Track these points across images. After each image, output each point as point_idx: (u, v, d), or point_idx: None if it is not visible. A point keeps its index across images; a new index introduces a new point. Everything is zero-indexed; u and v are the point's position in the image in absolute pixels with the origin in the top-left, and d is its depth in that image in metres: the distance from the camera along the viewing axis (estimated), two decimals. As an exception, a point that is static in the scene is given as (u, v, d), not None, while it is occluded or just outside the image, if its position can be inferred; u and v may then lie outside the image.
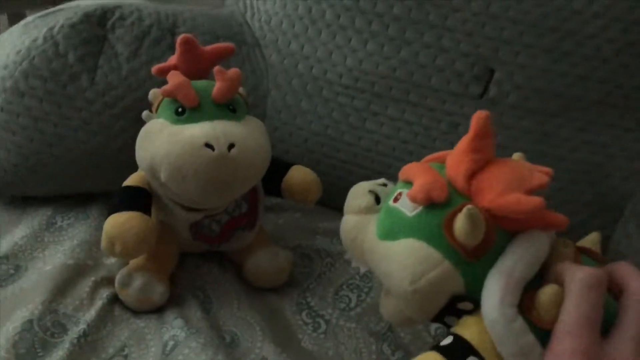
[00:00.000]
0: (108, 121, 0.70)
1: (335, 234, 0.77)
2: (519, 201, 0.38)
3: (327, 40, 0.77)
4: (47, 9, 0.77)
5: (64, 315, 0.59)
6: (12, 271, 0.63)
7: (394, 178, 0.74)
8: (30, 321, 0.56)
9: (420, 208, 0.42)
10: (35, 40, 0.70)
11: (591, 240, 0.46)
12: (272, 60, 0.80)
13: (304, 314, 0.65)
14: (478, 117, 0.42)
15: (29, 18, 0.93)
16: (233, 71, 0.59)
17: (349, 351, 0.61)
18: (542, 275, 0.39)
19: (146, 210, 0.61)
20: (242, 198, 0.67)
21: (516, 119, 0.70)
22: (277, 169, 0.69)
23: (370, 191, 0.48)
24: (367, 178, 0.76)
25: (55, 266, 0.63)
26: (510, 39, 0.70)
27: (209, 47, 0.64)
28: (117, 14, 0.74)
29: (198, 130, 0.56)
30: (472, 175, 0.42)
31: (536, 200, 0.38)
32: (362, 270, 0.49)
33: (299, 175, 0.69)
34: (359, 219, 0.47)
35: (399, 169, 0.74)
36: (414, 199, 0.42)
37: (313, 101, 0.77)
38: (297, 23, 0.78)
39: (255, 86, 0.79)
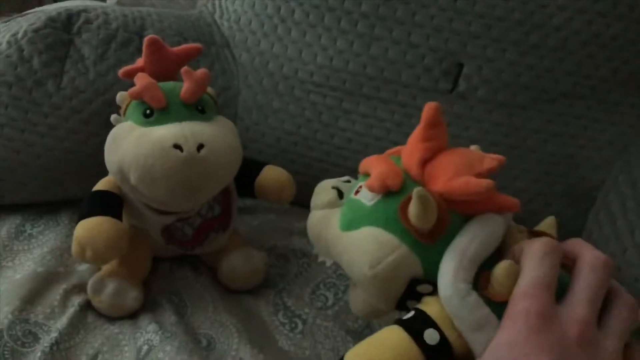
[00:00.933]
0: (76, 126, 0.69)
1: (310, 233, 0.77)
2: (468, 183, 0.39)
3: (297, 39, 0.76)
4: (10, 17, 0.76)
5: (35, 324, 0.57)
6: (-20, 282, 0.62)
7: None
8: (0, 331, 0.55)
9: (378, 197, 0.43)
10: (-3, 46, 0.69)
11: (547, 224, 0.47)
12: (242, 59, 0.79)
13: (280, 314, 0.65)
14: (428, 107, 0.44)
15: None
16: (201, 71, 0.59)
17: (326, 350, 0.61)
18: (499, 260, 0.40)
19: (117, 214, 0.60)
20: (215, 200, 0.66)
21: (486, 113, 0.71)
22: (250, 169, 0.68)
23: (334, 187, 0.49)
24: (341, 176, 0.76)
25: (25, 274, 0.62)
26: (478, 33, 0.70)
27: (176, 48, 0.64)
28: (82, 18, 0.73)
29: (166, 132, 0.55)
30: (425, 163, 0.43)
31: (485, 182, 0.39)
32: (328, 263, 0.49)
33: (272, 174, 0.69)
34: (322, 214, 0.48)
35: (372, 166, 0.75)
36: (371, 188, 0.43)
37: (284, 100, 0.77)
38: (266, 22, 0.78)
39: (226, 86, 0.78)
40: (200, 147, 0.55)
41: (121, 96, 0.60)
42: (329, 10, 0.74)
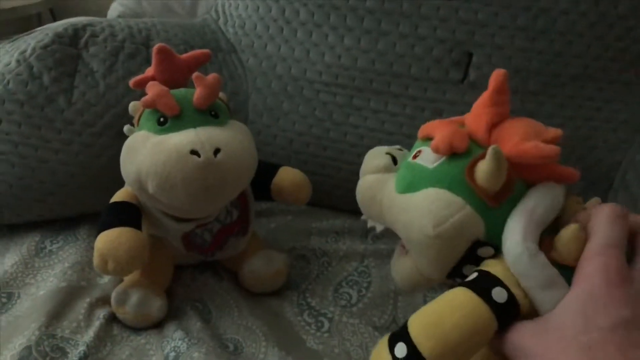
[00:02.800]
0: (89, 140, 0.69)
1: (329, 232, 0.77)
2: (537, 147, 0.40)
3: (304, 39, 0.76)
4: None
5: (62, 338, 0.57)
6: (4, 300, 0.62)
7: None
8: (29, 347, 0.55)
9: (441, 160, 0.44)
10: (7, 64, 0.69)
11: (592, 204, 0.46)
12: (250, 64, 0.79)
13: (305, 314, 0.65)
14: (497, 74, 0.45)
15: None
16: (212, 76, 0.59)
17: (354, 347, 0.60)
18: (557, 228, 0.41)
19: (136, 224, 0.60)
20: (232, 205, 0.66)
21: (498, 100, 0.70)
22: (265, 172, 0.68)
23: (387, 153, 0.50)
24: (355, 174, 0.75)
25: (48, 290, 0.62)
26: (485, 21, 0.70)
27: (185, 55, 0.64)
28: (88, 32, 0.73)
29: (182, 138, 0.55)
30: (492, 127, 0.44)
31: (553, 148, 0.40)
32: (379, 229, 0.48)
33: (288, 176, 0.68)
34: (376, 177, 0.48)
35: (386, 161, 0.75)
36: (436, 149, 0.43)
37: (294, 101, 0.77)
38: (271, 25, 0.78)
39: (235, 91, 0.78)
40: (216, 151, 0.55)
41: (134, 106, 0.60)
42: (334, 8, 0.74)
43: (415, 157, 0.46)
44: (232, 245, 0.67)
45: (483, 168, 0.40)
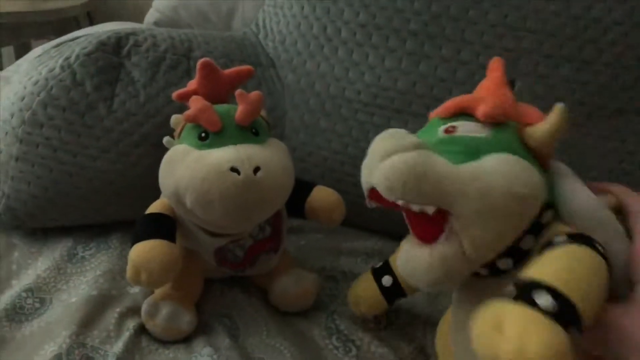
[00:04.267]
0: (127, 149, 0.69)
1: (360, 253, 0.76)
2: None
3: (344, 58, 0.76)
4: (51, 39, 0.77)
5: (92, 348, 0.57)
6: (37, 305, 0.62)
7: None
8: (59, 355, 0.55)
9: (488, 129, 0.44)
10: (52, 70, 0.69)
11: None
12: (288, 80, 0.79)
13: (334, 338, 0.64)
14: (497, 60, 0.51)
15: (37, 50, 0.94)
16: (255, 94, 0.59)
17: (382, 375, 0.59)
18: None
19: (171, 237, 0.60)
20: (266, 221, 0.66)
21: (540, 130, 0.69)
22: (300, 190, 0.68)
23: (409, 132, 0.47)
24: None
25: (80, 298, 0.62)
26: (530, 49, 0.69)
27: (228, 71, 0.64)
28: (131, 41, 0.74)
29: (223, 155, 0.55)
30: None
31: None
32: (430, 211, 0.42)
33: (322, 195, 0.68)
34: (418, 155, 0.42)
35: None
36: (491, 117, 0.44)
37: (331, 120, 0.77)
38: (312, 42, 0.78)
39: (273, 107, 0.78)
40: (256, 169, 0.55)
41: (176, 119, 0.61)
42: (377, 28, 0.74)
43: (448, 131, 0.45)
44: (264, 262, 0.67)
45: (547, 127, 0.42)
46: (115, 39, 0.73)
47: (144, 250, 0.57)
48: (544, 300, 0.34)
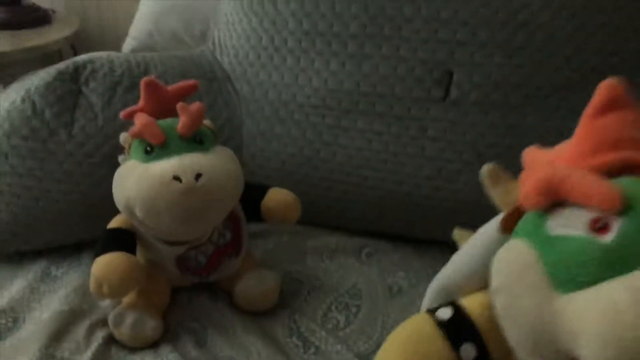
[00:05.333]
0: (89, 170, 0.73)
1: (324, 250, 0.79)
2: None
3: (292, 65, 0.79)
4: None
5: (62, 359, 0.60)
6: (10, 324, 0.65)
7: (369, 187, 0.76)
8: (29, 368, 0.58)
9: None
10: (13, 102, 0.73)
11: None
12: (243, 91, 0.83)
13: (294, 337, 0.66)
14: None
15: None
16: (195, 105, 0.62)
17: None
18: None
19: (130, 249, 0.63)
20: (225, 227, 0.69)
21: (480, 116, 0.72)
22: (255, 193, 0.71)
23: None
24: (346, 192, 0.79)
25: (51, 314, 0.66)
26: (464, 40, 0.72)
27: (173, 86, 0.67)
28: (89, 68, 0.78)
29: (166, 165, 0.58)
30: None
31: None
32: None
33: (276, 196, 0.71)
34: None
35: (376, 180, 0.77)
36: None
37: (286, 125, 0.80)
38: (262, 53, 0.81)
39: (230, 118, 0.81)
40: (198, 176, 0.58)
41: (124, 137, 0.64)
42: (319, 35, 0.77)
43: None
44: (226, 267, 0.70)
45: None
46: (73, 67, 0.77)
47: (104, 264, 0.60)
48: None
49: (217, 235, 0.68)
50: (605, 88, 0.39)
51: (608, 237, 0.32)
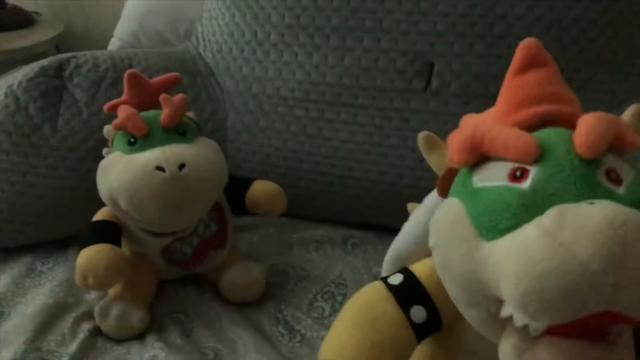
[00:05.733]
0: (74, 164, 0.73)
1: (310, 242, 0.79)
2: None
3: (276, 59, 0.80)
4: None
5: (47, 351, 0.61)
6: (-5, 318, 0.65)
7: (354, 179, 0.77)
8: (13, 360, 0.58)
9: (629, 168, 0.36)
10: (-3, 98, 0.74)
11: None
12: (227, 86, 0.83)
13: (280, 326, 0.67)
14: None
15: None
16: (178, 97, 0.63)
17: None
18: None
19: (115, 241, 0.63)
20: (210, 219, 0.69)
21: (461, 106, 0.73)
22: (240, 185, 0.71)
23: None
24: (331, 184, 0.79)
25: (36, 307, 0.66)
26: (444, 31, 0.73)
27: (155, 79, 0.68)
28: (72, 64, 0.78)
29: (149, 156, 0.59)
30: None
31: None
32: None
33: (261, 188, 0.72)
34: None
35: (360, 171, 0.78)
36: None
37: (270, 118, 0.80)
38: (245, 48, 0.82)
39: (214, 112, 0.82)
40: (181, 166, 0.58)
41: (107, 129, 0.64)
42: (302, 28, 0.78)
43: (612, 179, 0.34)
44: (212, 259, 0.70)
45: None
46: (56, 63, 0.78)
47: (89, 256, 0.60)
48: None
49: (202, 227, 0.68)
50: (524, 48, 0.40)
51: (525, 184, 0.34)
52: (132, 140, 0.61)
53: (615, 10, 0.72)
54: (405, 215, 0.77)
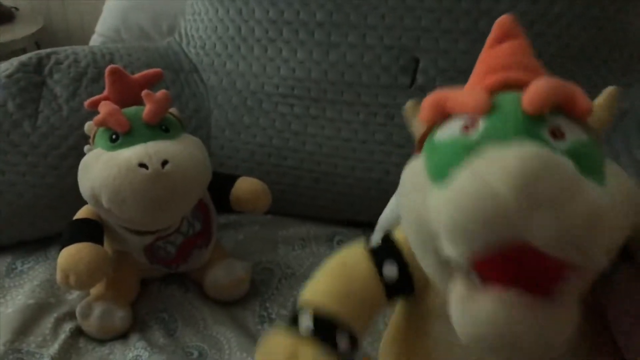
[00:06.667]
0: (55, 162, 0.72)
1: (295, 239, 0.79)
2: None
3: (260, 55, 0.79)
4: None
5: (27, 353, 0.59)
6: (-26, 319, 0.64)
7: (340, 176, 0.77)
8: (-8, 363, 0.57)
9: (581, 130, 0.37)
10: (-26, 94, 0.72)
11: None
12: (211, 82, 0.82)
13: (265, 324, 0.66)
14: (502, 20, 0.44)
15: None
16: (161, 93, 0.62)
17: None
18: None
19: (97, 239, 0.62)
20: (194, 217, 0.68)
21: (446, 102, 0.73)
22: (224, 183, 0.71)
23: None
24: (316, 181, 0.79)
25: (16, 308, 0.64)
26: (429, 27, 0.73)
27: (137, 75, 0.66)
28: (52, 60, 0.77)
29: (131, 152, 0.58)
30: None
31: None
32: None
33: (245, 185, 0.71)
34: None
35: (345, 168, 0.77)
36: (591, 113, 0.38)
37: (254, 115, 0.80)
38: (229, 43, 0.81)
39: (197, 109, 0.81)
40: (164, 163, 0.57)
41: (88, 126, 0.63)
42: (286, 23, 0.77)
43: (556, 136, 0.36)
44: (196, 257, 0.69)
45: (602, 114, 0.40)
46: (36, 59, 0.76)
47: (70, 254, 0.59)
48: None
49: (186, 225, 0.68)
50: (499, 22, 0.43)
51: (473, 135, 0.36)
52: (114, 136, 0.60)
53: (599, 6, 0.72)
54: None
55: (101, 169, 0.58)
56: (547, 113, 0.36)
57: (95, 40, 1.35)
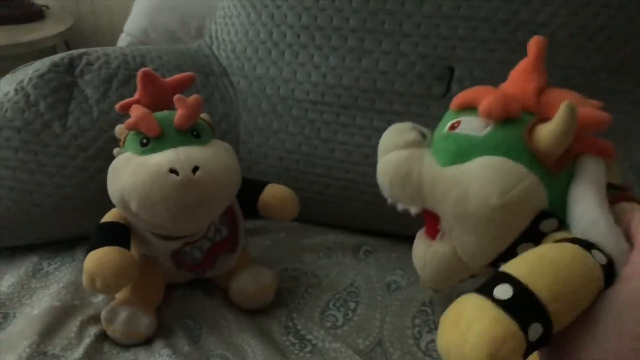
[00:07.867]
0: (83, 163, 0.72)
1: (321, 248, 0.78)
2: (595, 112, 0.39)
3: (291, 60, 0.78)
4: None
5: (53, 356, 0.59)
6: (1, 320, 0.64)
7: (368, 185, 0.75)
8: (18, 365, 0.57)
9: (490, 127, 0.41)
10: (7, 94, 0.72)
11: None
12: (241, 86, 0.82)
13: (291, 335, 0.65)
14: (537, 41, 0.46)
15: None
16: (193, 98, 0.61)
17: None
18: None
19: (124, 244, 0.61)
20: (222, 223, 0.68)
21: (481, 113, 0.71)
22: (253, 189, 0.70)
23: (414, 127, 0.47)
24: (344, 189, 0.77)
25: (42, 310, 0.64)
26: (465, 36, 0.71)
27: (169, 78, 0.66)
28: (84, 60, 0.77)
29: (162, 158, 0.57)
30: (540, 93, 0.43)
31: (607, 114, 0.39)
32: (413, 211, 0.44)
33: (274, 192, 0.70)
34: (409, 152, 0.44)
35: (374, 176, 0.75)
36: (488, 115, 0.41)
37: (284, 120, 0.79)
38: (260, 48, 0.80)
39: (226, 113, 0.80)
40: (195, 169, 0.56)
41: (119, 129, 0.63)
42: (319, 29, 0.76)
43: (453, 127, 0.44)
44: (223, 263, 0.68)
45: (552, 128, 0.38)
46: (68, 59, 0.76)
47: (97, 258, 0.58)
48: (501, 290, 0.33)
49: (213, 230, 0.67)
50: (535, 44, 0.47)
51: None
52: (144, 141, 0.59)
53: (641, 19, 0.70)
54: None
55: (131, 173, 0.57)
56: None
57: (123, 40, 1.35)
